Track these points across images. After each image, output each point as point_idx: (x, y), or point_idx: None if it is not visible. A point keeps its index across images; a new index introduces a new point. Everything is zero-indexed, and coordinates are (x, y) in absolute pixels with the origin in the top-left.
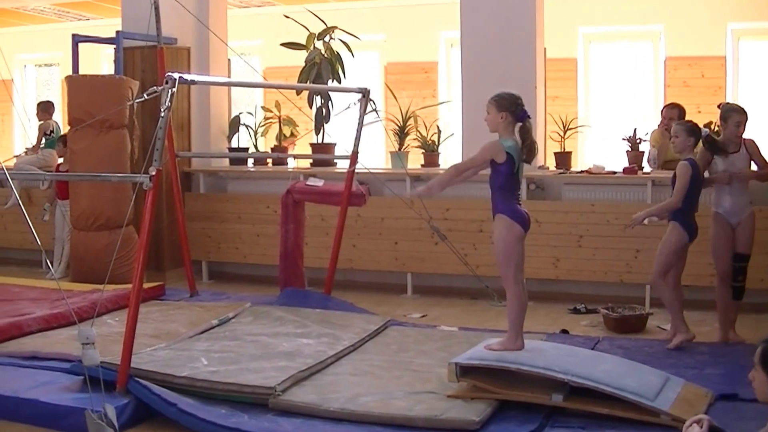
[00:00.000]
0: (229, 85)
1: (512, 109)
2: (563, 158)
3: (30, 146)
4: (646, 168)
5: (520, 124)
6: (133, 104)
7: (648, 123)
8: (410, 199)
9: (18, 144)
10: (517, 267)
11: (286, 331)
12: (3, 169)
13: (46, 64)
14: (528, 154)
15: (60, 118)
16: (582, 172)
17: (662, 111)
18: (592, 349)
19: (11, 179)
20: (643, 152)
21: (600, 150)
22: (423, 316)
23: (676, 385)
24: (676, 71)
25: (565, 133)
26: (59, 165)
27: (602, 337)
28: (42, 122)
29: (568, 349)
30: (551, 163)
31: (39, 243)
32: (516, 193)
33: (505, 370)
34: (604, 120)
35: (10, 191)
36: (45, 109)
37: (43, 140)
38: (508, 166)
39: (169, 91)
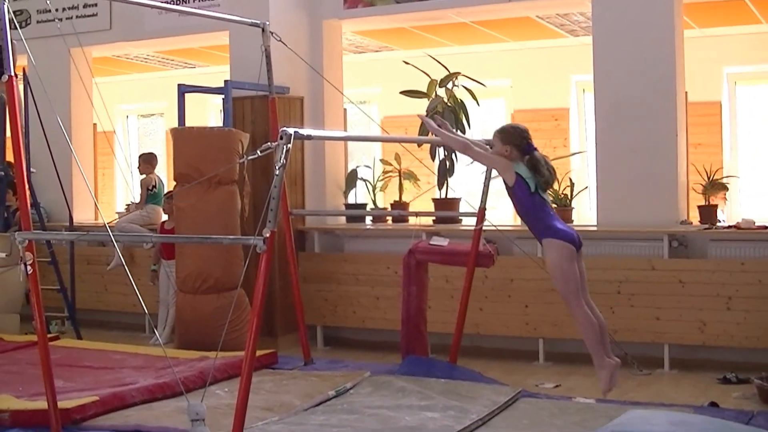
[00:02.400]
0: (347, 140)
1: (517, 143)
2: (708, 212)
3: (132, 201)
4: None
5: (527, 157)
6: (245, 160)
7: None
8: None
9: (120, 199)
10: (577, 288)
11: (409, 404)
12: (108, 230)
13: (149, 115)
14: (545, 184)
15: (163, 171)
16: (730, 227)
17: None
18: (747, 424)
19: (116, 241)
20: None
21: (750, 202)
22: (557, 386)
23: None
24: None
25: (709, 184)
26: (164, 222)
27: (757, 411)
28: (144, 176)
29: (720, 424)
30: (695, 218)
31: (144, 307)
32: (549, 211)
33: None
34: (753, 169)
35: (113, 251)
36: (148, 161)
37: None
38: (522, 188)
39: (284, 147)
